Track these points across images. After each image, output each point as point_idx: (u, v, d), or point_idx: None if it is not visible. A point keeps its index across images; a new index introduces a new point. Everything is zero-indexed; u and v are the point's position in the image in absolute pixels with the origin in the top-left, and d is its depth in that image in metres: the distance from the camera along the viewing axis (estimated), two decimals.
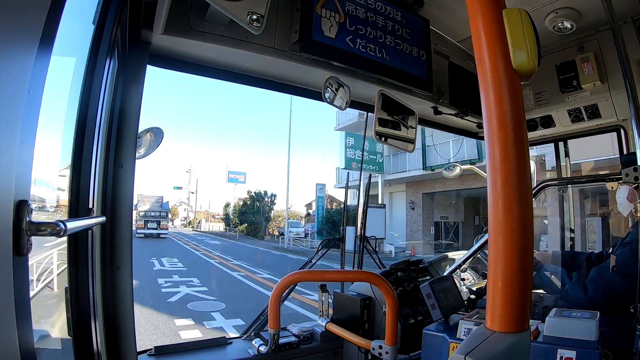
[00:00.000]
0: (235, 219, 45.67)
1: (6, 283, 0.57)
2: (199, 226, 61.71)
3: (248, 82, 2.07)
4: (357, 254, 2.85)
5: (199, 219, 65.82)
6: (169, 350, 1.95)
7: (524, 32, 0.81)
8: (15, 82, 0.59)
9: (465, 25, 0.86)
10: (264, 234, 40.05)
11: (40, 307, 1.55)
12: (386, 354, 1.76)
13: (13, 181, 0.58)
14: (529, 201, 0.82)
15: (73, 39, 1.24)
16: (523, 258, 0.79)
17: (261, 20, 1.38)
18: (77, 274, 1.24)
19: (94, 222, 1.24)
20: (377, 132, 2.15)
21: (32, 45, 0.62)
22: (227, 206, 52.37)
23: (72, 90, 1.26)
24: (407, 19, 2.21)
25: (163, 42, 1.66)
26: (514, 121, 0.81)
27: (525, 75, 0.82)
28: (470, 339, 0.80)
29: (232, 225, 46.04)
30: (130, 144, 1.57)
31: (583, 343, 1.45)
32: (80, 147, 1.21)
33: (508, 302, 0.79)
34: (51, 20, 0.66)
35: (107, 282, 1.50)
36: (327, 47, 1.87)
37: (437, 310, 1.83)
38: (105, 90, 1.32)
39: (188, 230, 57.20)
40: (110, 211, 1.51)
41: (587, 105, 2.57)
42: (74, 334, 1.22)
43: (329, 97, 1.98)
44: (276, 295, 1.85)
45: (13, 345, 0.59)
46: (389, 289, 1.80)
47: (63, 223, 0.70)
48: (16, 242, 0.60)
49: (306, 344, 2.21)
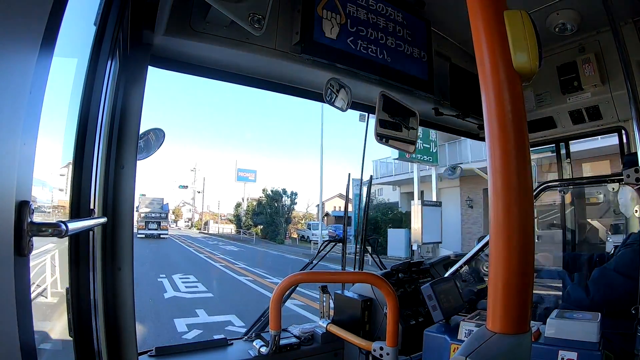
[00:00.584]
0: (248, 220, 41.73)
1: (7, 284, 0.57)
2: (207, 228, 57.00)
3: (249, 84, 2.07)
4: (357, 255, 2.84)
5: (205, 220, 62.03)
6: (169, 351, 1.95)
7: (524, 33, 0.81)
8: (17, 82, 0.59)
9: (466, 26, 0.85)
10: (284, 237, 36.35)
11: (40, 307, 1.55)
12: (387, 355, 1.75)
13: (15, 182, 0.59)
14: (530, 202, 0.82)
15: (74, 40, 1.25)
16: (524, 259, 0.79)
17: (262, 21, 1.38)
18: (78, 275, 1.24)
19: (95, 222, 1.25)
20: (378, 134, 2.15)
21: (34, 46, 0.63)
22: (239, 206, 47.64)
23: (74, 91, 1.26)
24: (408, 20, 2.21)
25: (164, 43, 1.66)
26: (514, 122, 0.81)
27: (526, 76, 0.82)
28: (471, 340, 0.80)
29: (244, 227, 41.98)
30: (131, 145, 1.57)
31: (584, 345, 1.45)
32: (81, 148, 1.21)
33: (509, 303, 0.79)
34: (53, 22, 0.66)
35: (108, 282, 1.49)
36: (328, 49, 1.87)
37: (438, 311, 1.83)
38: (106, 91, 1.32)
39: (194, 233, 53.82)
40: (111, 212, 1.51)
41: (588, 106, 2.57)
42: (75, 335, 1.22)
43: (330, 99, 1.98)
44: (277, 296, 1.85)
45: (14, 346, 0.59)
46: (390, 290, 1.80)
47: (64, 224, 0.70)
48: (17, 243, 0.60)
49: (307, 345, 2.20)
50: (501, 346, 0.77)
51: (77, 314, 1.22)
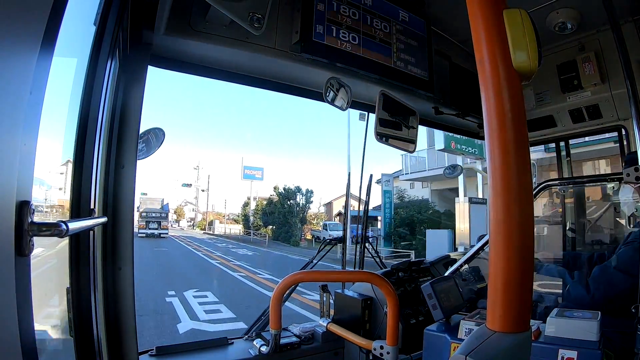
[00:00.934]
0: (258, 220, 39.00)
1: (8, 283, 0.57)
2: (212, 228, 54.19)
3: (249, 83, 2.08)
4: (358, 254, 2.85)
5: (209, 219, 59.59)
6: (170, 351, 1.95)
7: (524, 32, 0.81)
8: (17, 83, 0.59)
9: (466, 25, 0.85)
10: (299, 239, 33.20)
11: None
12: (387, 354, 1.75)
13: (15, 182, 0.59)
14: (530, 201, 0.82)
15: (74, 40, 1.24)
16: (524, 258, 0.79)
17: (262, 20, 1.38)
18: (78, 274, 1.24)
19: (95, 222, 1.25)
20: (378, 133, 2.15)
21: (34, 46, 0.63)
22: (247, 205, 44.64)
23: (74, 91, 1.26)
24: (408, 19, 2.21)
25: (164, 42, 1.67)
26: (514, 121, 0.81)
27: (525, 75, 0.82)
28: (471, 339, 0.80)
29: (253, 227, 39.04)
30: (131, 145, 1.57)
31: (584, 343, 1.45)
32: (81, 147, 1.21)
33: (509, 302, 0.79)
34: (53, 21, 0.66)
35: (108, 282, 1.50)
36: (328, 48, 1.87)
37: (438, 310, 1.83)
38: (106, 90, 1.32)
39: (198, 233, 51.13)
40: (111, 212, 1.52)
41: (588, 105, 2.57)
42: (75, 334, 1.22)
43: (330, 98, 1.98)
44: (277, 295, 1.85)
45: (15, 345, 0.59)
46: (390, 289, 1.80)
47: (65, 224, 0.70)
48: (18, 243, 0.60)
49: (307, 345, 2.20)
50: (501, 345, 0.77)
51: (78, 313, 1.22)
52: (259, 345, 2.05)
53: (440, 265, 2.88)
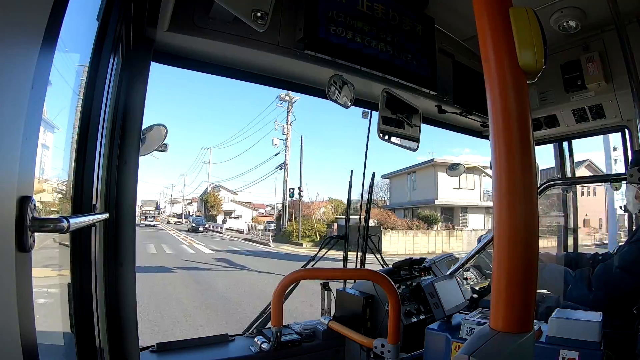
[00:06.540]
0: None
1: (9, 279, 0.57)
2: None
3: (252, 79, 2.07)
4: (359, 252, 2.85)
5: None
6: (171, 347, 1.96)
7: (530, 30, 0.80)
8: (19, 78, 0.59)
9: (470, 24, 0.85)
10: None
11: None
12: (388, 352, 1.75)
13: (16, 177, 0.58)
14: (534, 200, 0.81)
15: (77, 36, 1.24)
16: (528, 258, 0.79)
17: (265, 17, 1.37)
18: (79, 270, 1.24)
19: (97, 218, 1.25)
20: (381, 130, 2.15)
21: (36, 41, 0.62)
22: None
23: (76, 87, 1.26)
24: (411, 17, 2.20)
25: (167, 39, 1.66)
26: (519, 120, 0.80)
27: (531, 74, 0.81)
28: (474, 338, 0.80)
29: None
30: (134, 141, 1.57)
31: (586, 344, 1.45)
32: (84, 143, 1.21)
33: (512, 302, 0.79)
34: (55, 17, 0.66)
35: (109, 278, 1.50)
36: (332, 45, 1.86)
37: (439, 309, 1.83)
38: (109, 87, 1.32)
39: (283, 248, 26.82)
40: (113, 208, 1.52)
41: (591, 105, 2.56)
42: (77, 330, 1.23)
43: (333, 95, 1.98)
44: (279, 292, 1.85)
45: (15, 341, 0.59)
46: (392, 288, 1.80)
47: (66, 219, 0.70)
48: (19, 238, 0.59)
49: (308, 342, 2.20)
50: (504, 345, 0.76)
51: (79, 309, 1.23)
52: (260, 342, 2.05)
53: (442, 263, 2.88)
